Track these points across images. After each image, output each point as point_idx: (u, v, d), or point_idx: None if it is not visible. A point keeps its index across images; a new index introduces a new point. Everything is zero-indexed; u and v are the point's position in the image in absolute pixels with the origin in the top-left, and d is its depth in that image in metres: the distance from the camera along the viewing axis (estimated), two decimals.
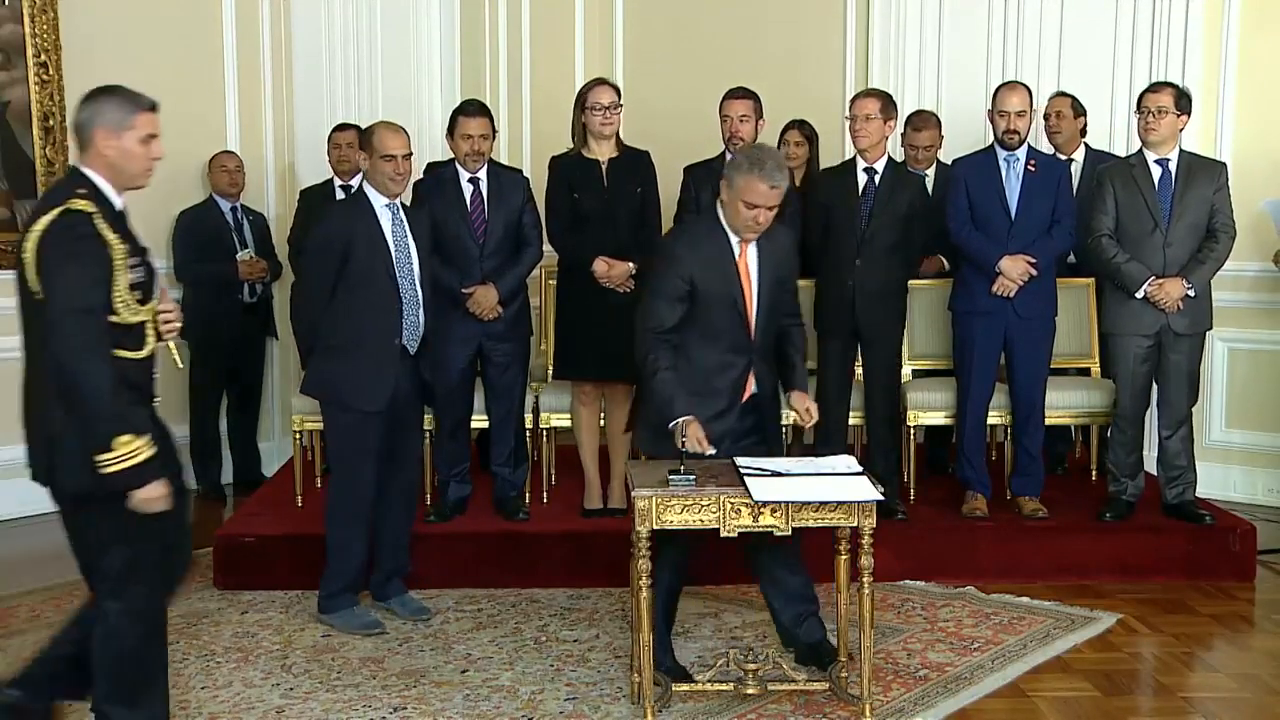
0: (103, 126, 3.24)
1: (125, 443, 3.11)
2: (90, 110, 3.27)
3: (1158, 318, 5.22)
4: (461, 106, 5.41)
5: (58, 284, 3.08)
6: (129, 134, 3.26)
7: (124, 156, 3.25)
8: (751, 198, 3.87)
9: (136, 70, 6.59)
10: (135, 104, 3.31)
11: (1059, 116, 6.08)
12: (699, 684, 4.00)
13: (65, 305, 3.08)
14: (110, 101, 3.29)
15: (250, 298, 6.73)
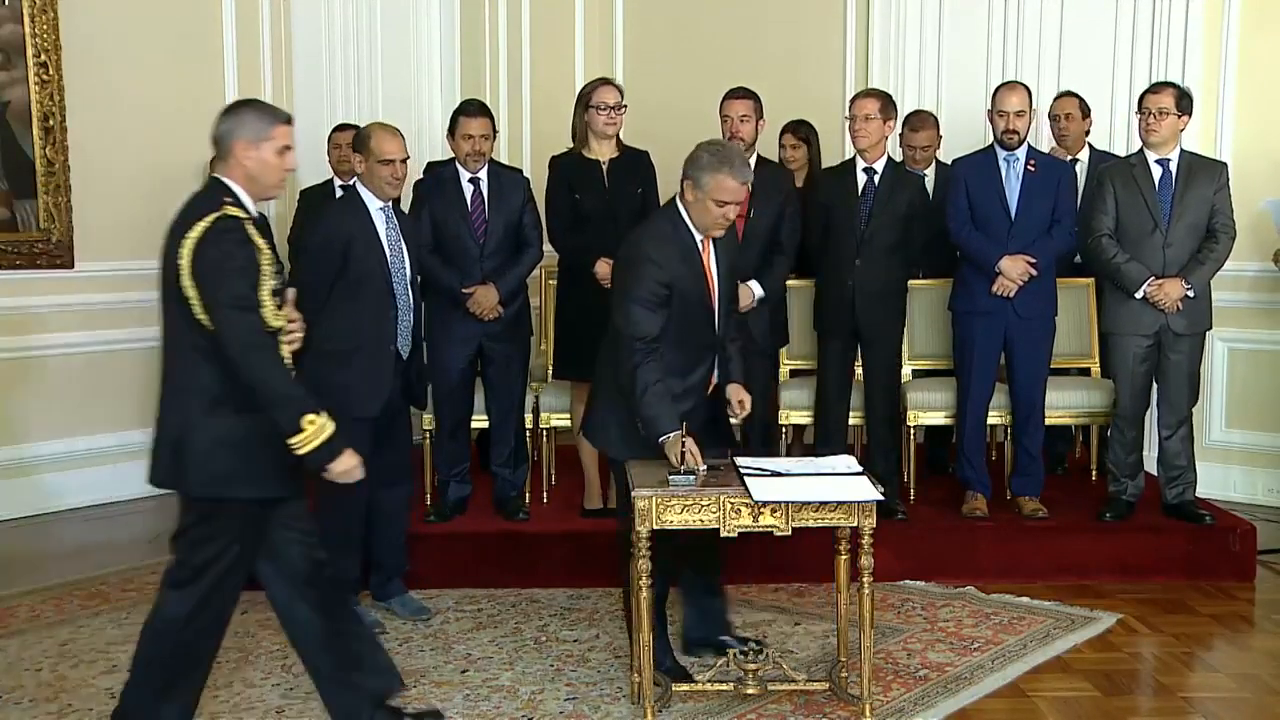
0: (243, 138, 3.35)
1: (311, 421, 3.26)
2: (231, 122, 3.39)
3: (1157, 318, 5.22)
4: (462, 106, 5.41)
5: (221, 285, 3.22)
6: (267, 145, 3.36)
7: (261, 167, 3.36)
8: (722, 195, 3.86)
9: (136, 70, 6.64)
10: (273, 117, 3.42)
11: (1068, 118, 6.07)
12: (699, 684, 4.00)
13: (231, 304, 3.22)
14: (250, 113, 3.40)
15: None
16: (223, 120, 3.41)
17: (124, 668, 4.27)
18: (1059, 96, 6.17)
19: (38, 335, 6.40)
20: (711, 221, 3.92)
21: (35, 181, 6.33)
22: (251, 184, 3.37)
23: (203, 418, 3.29)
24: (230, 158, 3.37)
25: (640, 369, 3.82)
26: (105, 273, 6.57)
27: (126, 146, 6.61)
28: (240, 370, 3.22)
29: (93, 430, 6.59)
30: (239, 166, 3.35)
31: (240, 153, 3.35)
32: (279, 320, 3.32)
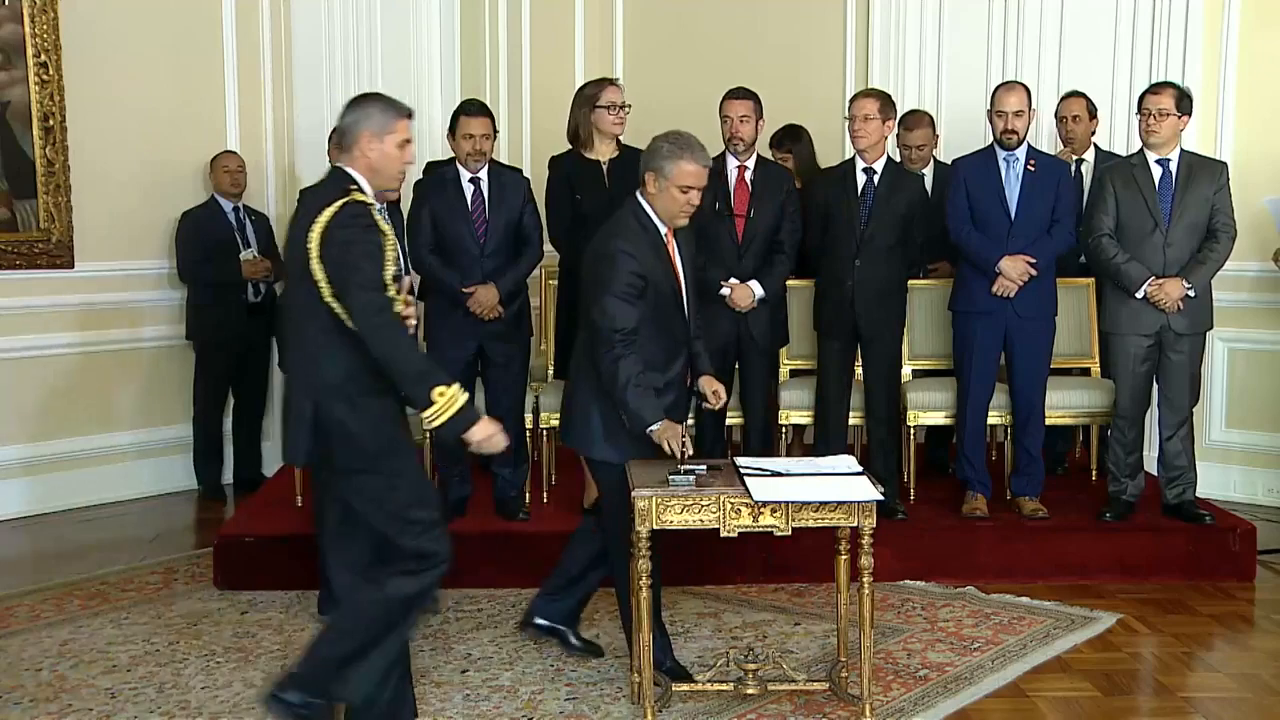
0: (368, 130, 3.42)
1: (441, 393, 3.30)
2: (357, 114, 3.46)
3: (1158, 318, 5.22)
4: (463, 106, 5.41)
5: (352, 266, 3.27)
6: (390, 138, 3.44)
7: (384, 159, 3.44)
8: (686, 180, 3.90)
9: (136, 70, 6.64)
10: (397, 111, 3.49)
11: (1075, 119, 6.06)
12: (699, 684, 4.00)
13: (361, 285, 3.27)
14: (376, 106, 3.48)
15: (255, 297, 6.73)
16: (348, 112, 3.48)
17: (124, 667, 4.31)
18: (1066, 97, 6.14)
19: (38, 335, 6.40)
20: (677, 210, 3.96)
21: (35, 181, 6.33)
22: (373, 175, 3.45)
23: (336, 396, 3.34)
24: (354, 149, 3.44)
25: (621, 362, 3.81)
26: (105, 273, 6.58)
27: (126, 146, 6.62)
28: (371, 348, 3.28)
29: (93, 430, 6.60)
30: (362, 158, 3.43)
31: (364, 144, 3.42)
32: (399, 304, 3.37)
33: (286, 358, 3.57)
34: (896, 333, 5.52)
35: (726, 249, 5.33)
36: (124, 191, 6.62)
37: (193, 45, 6.84)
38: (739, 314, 5.31)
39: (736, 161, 5.37)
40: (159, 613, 4.89)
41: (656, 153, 3.95)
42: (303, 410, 3.36)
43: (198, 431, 6.78)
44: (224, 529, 5.52)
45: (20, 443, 6.37)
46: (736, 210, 5.33)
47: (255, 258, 6.65)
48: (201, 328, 6.68)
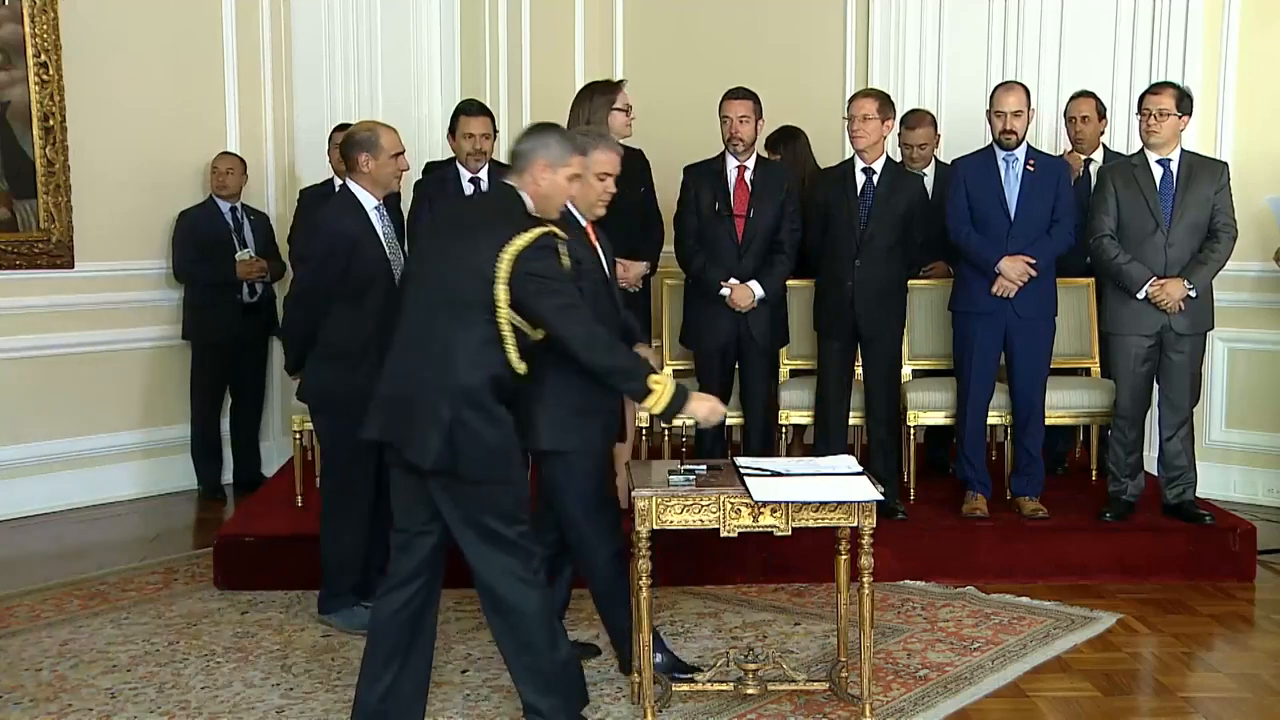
0: (543, 159, 3.57)
1: (657, 381, 3.54)
2: (535, 141, 3.61)
3: (1159, 318, 5.22)
4: (463, 106, 5.42)
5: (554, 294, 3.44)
6: (563, 170, 3.60)
7: (553, 189, 3.60)
8: (603, 168, 3.96)
9: (136, 70, 6.64)
10: (573, 147, 3.67)
11: (1084, 120, 6.05)
12: (699, 684, 4.00)
13: (568, 309, 3.46)
14: (554, 138, 3.63)
15: (250, 297, 6.73)
16: (527, 138, 3.63)
17: (124, 667, 4.31)
18: (1076, 97, 6.12)
19: (38, 335, 6.41)
20: (595, 198, 4.00)
21: (35, 181, 6.33)
22: (540, 202, 3.58)
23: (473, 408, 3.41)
24: (526, 174, 3.58)
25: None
26: (105, 273, 6.58)
27: (126, 146, 6.62)
28: (588, 363, 3.51)
29: (93, 430, 6.60)
30: (533, 184, 3.56)
31: (538, 172, 3.56)
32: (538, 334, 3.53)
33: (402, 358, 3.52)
34: (896, 333, 5.52)
35: (726, 249, 5.33)
36: (124, 191, 6.62)
37: (193, 45, 6.85)
38: (739, 314, 5.32)
39: (736, 161, 5.37)
40: (159, 613, 4.89)
41: (571, 145, 3.92)
42: (439, 414, 3.38)
43: (195, 431, 6.79)
44: (224, 529, 5.52)
45: (20, 442, 6.37)
46: (736, 210, 5.34)
47: (251, 258, 6.64)
48: (197, 327, 6.68)
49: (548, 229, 3.46)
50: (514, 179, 3.59)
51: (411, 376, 3.48)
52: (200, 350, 6.72)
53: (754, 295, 5.30)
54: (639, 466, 4.09)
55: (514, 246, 3.38)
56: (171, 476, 6.83)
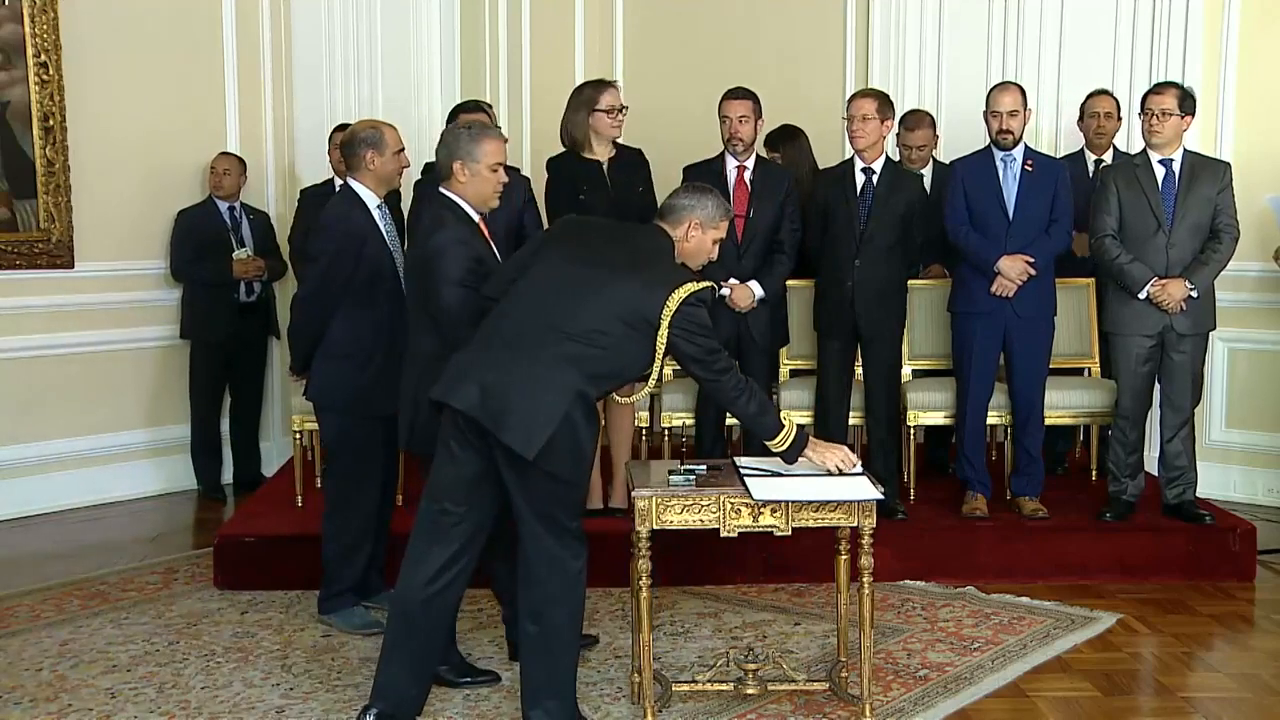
0: (699, 218, 3.77)
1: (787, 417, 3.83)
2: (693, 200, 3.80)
3: (1160, 318, 5.22)
4: (462, 105, 5.44)
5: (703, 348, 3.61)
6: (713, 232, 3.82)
7: (698, 248, 3.80)
8: (497, 158, 4.01)
9: (136, 70, 6.64)
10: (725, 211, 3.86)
11: (1106, 117, 6.06)
12: (699, 684, 4.00)
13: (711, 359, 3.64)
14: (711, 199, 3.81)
15: (248, 297, 6.73)
16: (686, 194, 3.81)
17: (124, 667, 4.30)
18: (1098, 94, 6.12)
19: (38, 335, 6.41)
20: (490, 191, 4.04)
21: (35, 181, 6.33)
22: (684, 258, 3.79)
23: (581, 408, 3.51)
24: (679, 229, 3.77)
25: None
26: (105, 273, 6.58)
27: (126, 146, 6.62)
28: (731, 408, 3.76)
29: (93, 430, 6.60)
30: (684, 241, 3.77)
31: (688, 230, 3.75)
32: None
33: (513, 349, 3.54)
34: (896, 333, 5.52)
35: (726, 249, 5.28)
36: (124, 191, 6.62)
37: (193, 45, 6.84)
38: (739, 314, 5.32)
39: (736, 162, 5.37)
40: (159, 613, 4.89)
41: (457, 141, 4.03)
42: (555, 409, 3.45)
43: (194, 431, 6.79)
44: (224, 529, 5.52)
45: (20, 442, 6.37)
46: (736, 210, 5.33)
47: (248, 257, 6.64)
48: (195, 327, 6.68)
49: (708, 285, 3.63)
50: (669, 226, 3.77)
51: (521, 367, 3.50)
52: (198, 349, 6.72)
53: (754, 295, 5.30)
54: (639, 466, 4.09)
55: (680, 294, 3.53)
56: (171, 476, 6.83)
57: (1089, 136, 6.10)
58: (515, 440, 3.45)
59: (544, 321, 3.55)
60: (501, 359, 3.54)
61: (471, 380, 3.53)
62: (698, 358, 3.60)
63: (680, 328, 3.54)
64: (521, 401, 3.46)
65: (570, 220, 4.00)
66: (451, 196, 4.03)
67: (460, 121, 4.08)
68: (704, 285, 3.61)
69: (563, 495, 3.56)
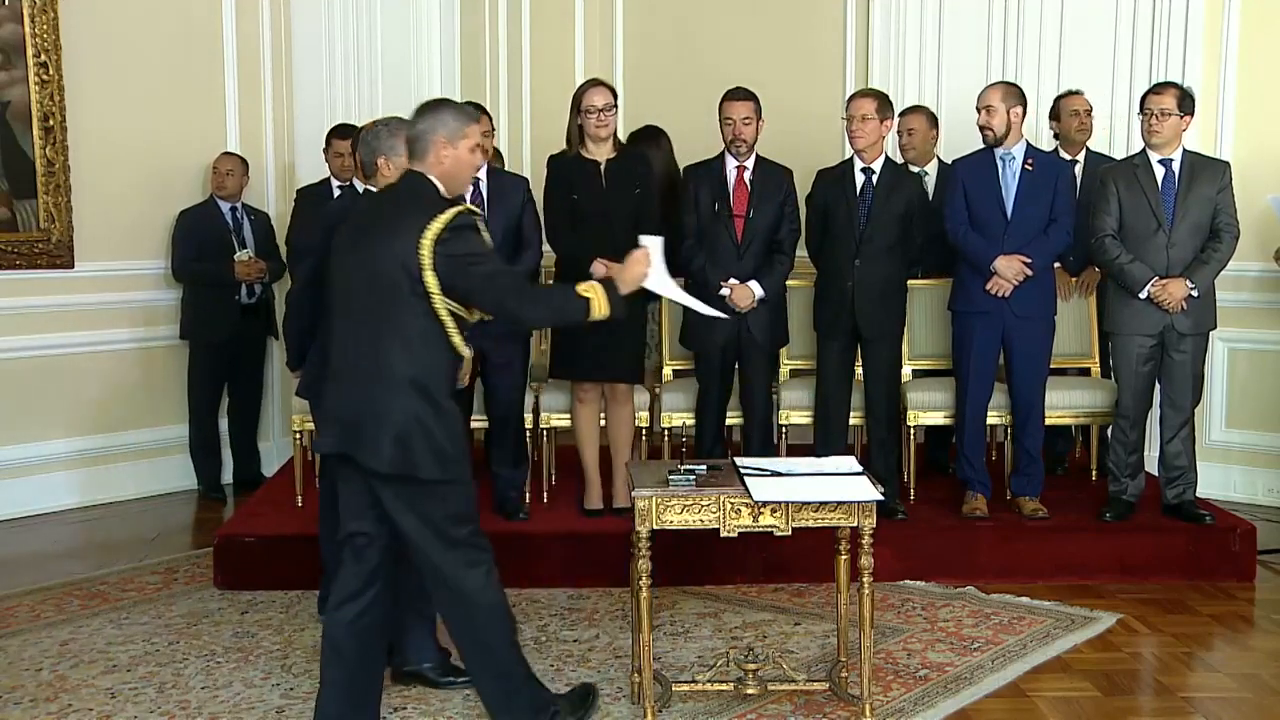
0: (441, 135, 3.48)
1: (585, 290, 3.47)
2: (431, 120, 3.51)
3: (1161, 317, 5.22)
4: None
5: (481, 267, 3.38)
6: (463, 143, 3.51)
7: (458, 165, 3.51)
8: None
9: (137, 71, 6.64)
10: (468, 115, 3.58)
11: (1088, 114, 6.06)
12: (699, 684, 4.00)
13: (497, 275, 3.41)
14: (448, 112, 3.54)
15: (249, 298, 6.72)
16: (420, 119, 3.52)
17: (124, 667, 4.31)
18: (1072, 94, 6.12)
19: (38, 335, 6.41)
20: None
21: (35, 181, 6.33)
22: (449, 181, 3.51)
23: (427, 406, 3.38)
24: (429, 155, 3.49)
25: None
26: (105, 273, 6.57)
27: (126, 146, 6.62)
28: (529, 322, 3.55)
29: (93, 430, 6.60)
30: (438, 164, 3.48)
31: (439, 150, 3.47)
32: (476, 316, 3.48)
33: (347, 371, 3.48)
34: (896, 333, 5.52)
35: (726, 249, 5.34)
36: (124, 191, 6.62)
37: (193, 45, 6.84)
38: (739, 314, 5.32)
39: (736, 162, 5.37)
40: (159, 613, 4.89)
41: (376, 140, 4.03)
42: (390, 415, 3.36)
43: (193, 431, 6.78)
44: (224, 529, 5.52)
45: (20, 442, 6.37)
46: (736, 211, 5.34)
47: (250, 259, 6.63)
48: (195, 327, 6.68)
49: (462, 208, 3.40)
50: (418, 164, 3.51)
51: (357, 385, 3.43)
52: (198, 350, 6.72)
53: (754, 295, 5.30)
54: (639, 466, 4.09)
55: (431, 231, 3.32)
56: (171, 476, 6.83)
57: (1070, 135, 6.09)
58: (369, 458, 3.40)
59: (355, 330, 3.45)
60: (343, 387, 3.49)
61: (329, 422, 3.55)
62: (481, 289, 3.38)
63: (445, 267, 3.33)
64: (367, 417, 3.39)
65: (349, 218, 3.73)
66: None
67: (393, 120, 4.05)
68: (457, 211, 3.38)
69: (441, 501, 3.44)
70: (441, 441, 3.40)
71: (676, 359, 6.00)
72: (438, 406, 3.40)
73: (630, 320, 5.30)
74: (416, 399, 3.37)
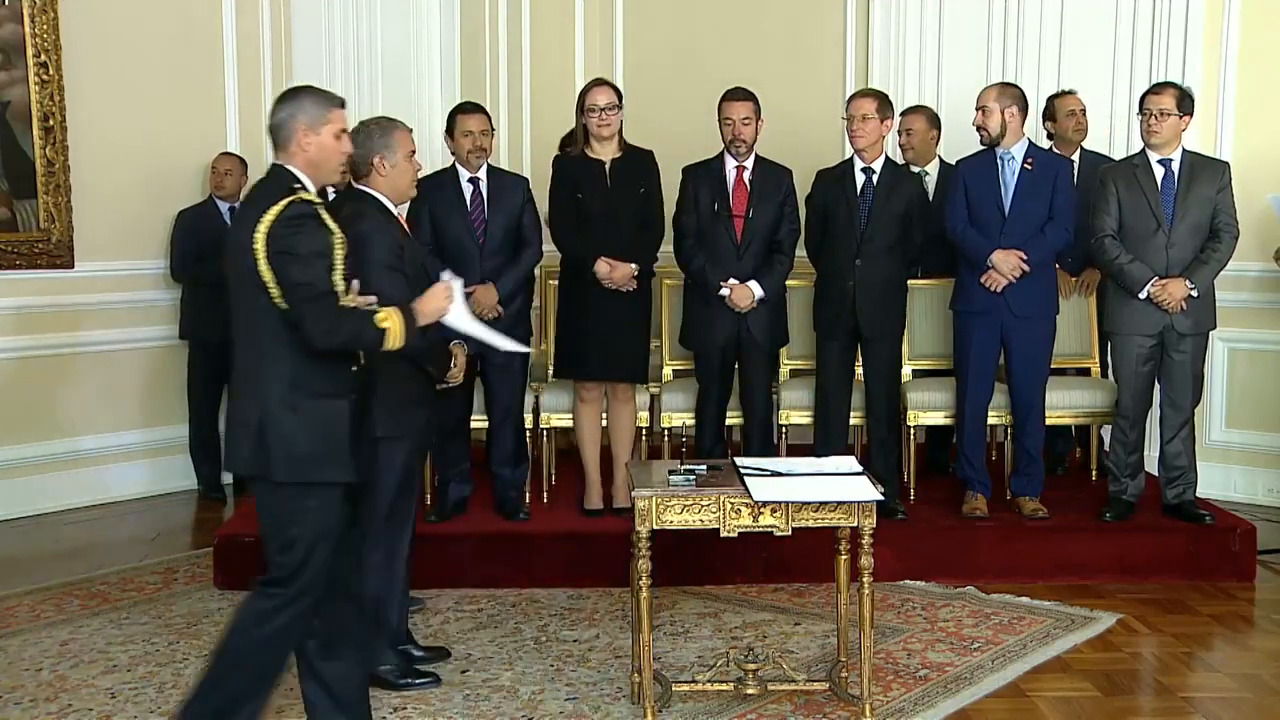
0: (302, 123, 3.37)
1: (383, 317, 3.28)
2: (291, 108, 3.40)
3: (1161, 318, 5.22)
4: (459, 106, 5.45)
5: (295, 273, 3.17)
6: (326, 129, 3.39)
7: (322, 152, 3.38)
8: (410, 145, 4.01)
9: (137, 71, 6.64)
10: (329, 100, 3.46)
11: (1083, 113, 6.06)
12: (699, 684, 4.00)
13: (308, 295, 3.17)
14: (308, 98, 3.43)
15: None
16: (280, 108, 3.42)
17: (124, 667, 4.31)
18: (1066, 94, 6.12)
19: (38, 335, 6.41)
20: (411, 178, 4.03)
21: (35, 181, 6.33)
22: (314, 170, 3.38)
23: (282, 403, 3.25)
24: (290, 144, 3.38)
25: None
26: (105, 273, 6.58)
27: (126, 146, 6.62)
28: (311, 341, 3.20)
29: (92, 430, 6.60)
30: (301, 153, 3.37)
31: (301, 138, 3.37)
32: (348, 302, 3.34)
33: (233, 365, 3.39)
34: (897, 332, 5.52)
35: (725, 249, 5.34)
36: (124, 191, 6.62)
37: (193, 45, 6.84)
38: (738, 314, 5.32)
39: (735, 162, 5.37)
40: (159, 613, 4.89)
41: (369, 139, 4.02)
42: (248, 417, 3.26)
43: (192, 431, 6.78)
44: (224, 529, 5.52)
45: (20, 442, 6.37)
46: (735, 211, 5.34)
47: None
48: (194, 327, 6.68)
49: (297, 196, 3.23)
50: (281, 156, 3.39)
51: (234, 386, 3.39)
52: (197, 349, 6.72)
53: (754, 295, 5.30)
54: (639, 466, 4.09)
55: (265, 222, 3.18)
56: (171, 476, 6.83)
57: (1066, 134, 6.09)
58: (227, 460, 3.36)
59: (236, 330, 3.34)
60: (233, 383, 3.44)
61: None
62: (288, 289, 3.16)
63: (272, 261, 3.16)
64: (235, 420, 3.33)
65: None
66: (372, 193, 4.06)
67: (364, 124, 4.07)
68: (290, 200, 3.21)
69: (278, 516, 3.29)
70: (299, 445, 3.23)
71: (676, 359, 6.00)
72: (293, 408, 3.23)
73: (634, 320, 5.32)
74: (274, 401, 3.23)
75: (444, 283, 3.54)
